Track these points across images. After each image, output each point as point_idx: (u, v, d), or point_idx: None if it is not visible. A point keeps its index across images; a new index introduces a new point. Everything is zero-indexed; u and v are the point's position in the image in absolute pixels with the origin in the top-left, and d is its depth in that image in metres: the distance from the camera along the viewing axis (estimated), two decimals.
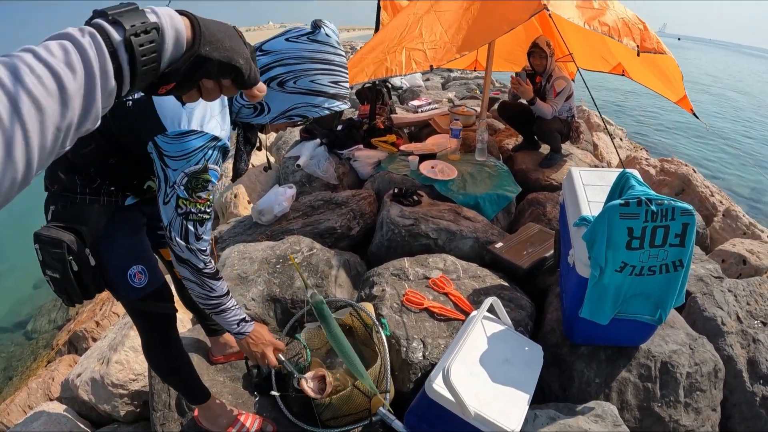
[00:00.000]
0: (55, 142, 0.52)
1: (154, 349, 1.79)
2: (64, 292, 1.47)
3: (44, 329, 5.48)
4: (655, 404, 1.94)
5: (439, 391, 1.56)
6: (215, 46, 0.67)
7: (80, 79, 0.52)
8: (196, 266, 1.44)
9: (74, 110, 0.52)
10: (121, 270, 1.57)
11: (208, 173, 1.34)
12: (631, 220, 1.61)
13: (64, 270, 1.42)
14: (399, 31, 3.73)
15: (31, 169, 0.49)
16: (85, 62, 0.53)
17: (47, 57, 0.50)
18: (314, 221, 3.27)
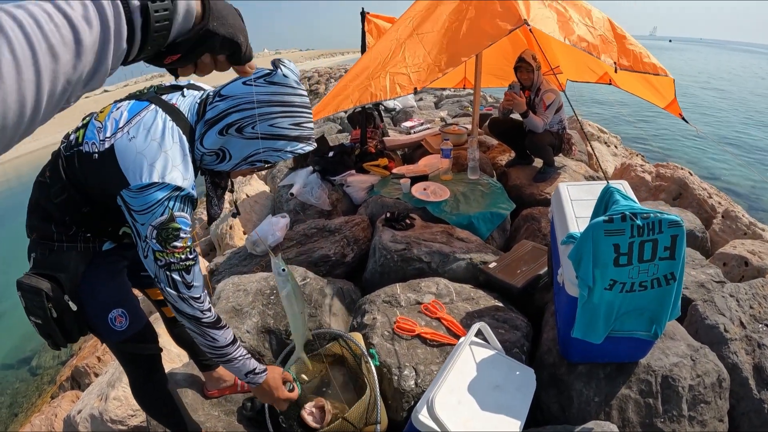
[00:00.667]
0: (63, 94, 0.52)
1: (140, 389, 1.80)
2: (48, 337, 1.49)
3: (48, 365, 5.51)
4: (657, 420, 1.88)
5: (425, 422, 1.53)
6: (221, 22, 0.72)
7: (95, 35, 0.53)
8: (193, 316, 1.41)
9: (85, 65, 0.53)
10: (101, 314, 1.57)
11: (176, 221, 1.32)
12: (616, 236, 1.58)
13: (45, 316, 1.43)
14: (382, 57, 3.76)
15: (38, 113, 0.49)
16: (102, 20, 0.54)
17: (66, 8, 0.51)
18: (308, 250, 3.26)
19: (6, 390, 5.29)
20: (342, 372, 2.07)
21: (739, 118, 14.53)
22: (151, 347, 1.73)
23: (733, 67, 37.03)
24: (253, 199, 5.08)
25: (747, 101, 18.02)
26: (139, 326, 1.66)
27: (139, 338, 1.67)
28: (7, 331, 6.38)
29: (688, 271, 2.76)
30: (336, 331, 2.15)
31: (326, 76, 26.81)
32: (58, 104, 0.53)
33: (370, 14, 5.14)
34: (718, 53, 65.34)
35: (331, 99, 3.96)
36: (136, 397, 1.83)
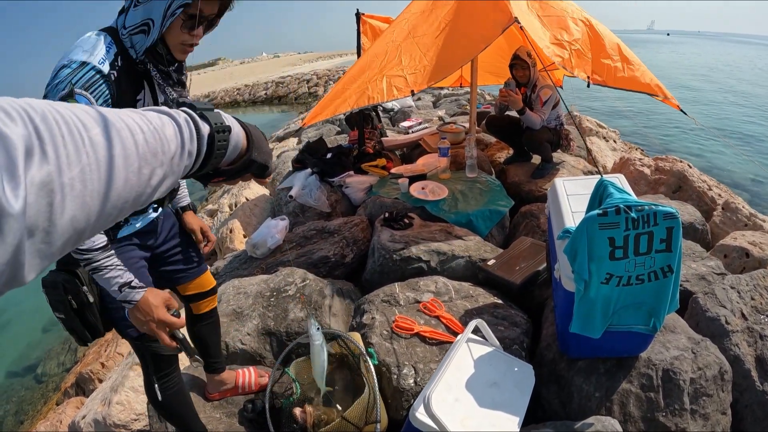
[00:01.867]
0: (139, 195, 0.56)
1: (153, 388, 1.79)
2: (72, 332, 1.56)
3: (53, 372, 5.53)
4: (659, 414, 1.87)
5: (422, 419, 1.52)
6: (259, 151, 0.83)
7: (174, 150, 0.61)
8: None
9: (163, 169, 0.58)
10: (118, 307, 1.57)
11: (75, 98, 1.29)
12: (611, 229, 1.58)
13: (66, 310, 1.51)
14: (379, 60, 3.76)
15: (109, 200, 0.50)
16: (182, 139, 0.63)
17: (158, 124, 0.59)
18: (308, 251, 3.26)
19: (12, 398, 5.32)
20: (341, 372, 2.06)
21: (741, 110, 14.47)
22: (166, 349, 1.69)
23: (733, 60, 36.93)
24: (252, 203, 5.08)
25: (747, 93, 17.96)
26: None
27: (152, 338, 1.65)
28: (13, 340, 6.43)
29: (688, 264, 2.74)
30: (335, 331, 2.15)
31: (325, 78, 26.85)
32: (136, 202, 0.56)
33: (365, 15, 5.14)
34: (717, 46, 65.19)
35: (329, 102, 3.96)
36: (148, 394, 1.84)
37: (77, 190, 0.44)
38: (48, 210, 0.41)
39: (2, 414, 5.04)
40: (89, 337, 1.56)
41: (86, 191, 0.45)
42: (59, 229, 0.43)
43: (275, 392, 2.07)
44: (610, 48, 3.67)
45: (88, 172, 0.45)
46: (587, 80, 3.43)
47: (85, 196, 0.45)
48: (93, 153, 0.46)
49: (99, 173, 0.47)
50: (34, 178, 0.39)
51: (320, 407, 1.89)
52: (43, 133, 0.42)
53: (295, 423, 1.82)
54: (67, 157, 0.43)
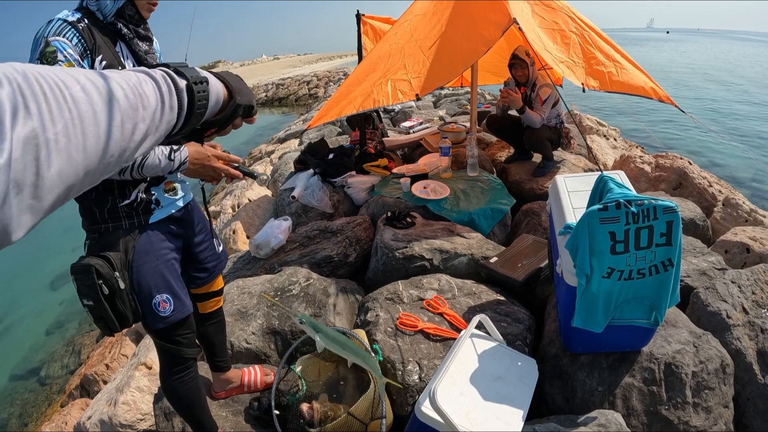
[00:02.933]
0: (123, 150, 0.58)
1: (169, 380, 1.82)
2: (101, 320, 1.53)
3: (57, 374, 5.53)
4: (662, 408, 1.89)
5: (427, 413, 1.54)
6: (241, 94, 0.87)
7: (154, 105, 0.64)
8: None
9: (143, 128, 0.61)
10: (147, 297, 1.61)
11: (51, 45, 1.38)
12: (611, 224, 1.60)
13: (96, 296, 1.48)
14: (383, 63, 3.78)
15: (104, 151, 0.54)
16: (160, 94, 0.66)
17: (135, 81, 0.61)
18: (311, 251, 3.27)
19: (15, 400, 5.32)
20: (346, 369, 2.08)
21: (743, 108, 14.45)
22: (187, 352, 1.77)
23: (734, 57, 36.88)
24: (255, 204, 5.10)
25: (749, 91, 17.94)
26: (182, 315, 1.70)
27: (180, 328, 1.71)
28: (16, 343, 6.44)
29: (689, 260, 2.76)
30: (339, 328, 2.17)
31: (325, 79, 26.86)
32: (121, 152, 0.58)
33: (365, 16, 5.16)
34: (716, 43, 65.07)
35: (334, 104, 3.99)
36: (163, 386, 1.85)
37: (62, 144, 0.46)
38: (35, 164, 0.43)
39: (6, 417, 5.05)
40: (118, 326, 1.55)
41: (71, 145, 0.47)
42: (48, 183, 0.45)
43: (281, 390, 2.09)
44: (602, 55, 3.70)
45: (72, 127, 0.48)
46: (582, 86, 3.46)
47: (71, 150, 0.47)
48: (75, 109, 0.48)
49: (83, 128, 0.49)
50: (19, 134, 0.42)
51: (327, 403, 1.91)
52: (26, 91, 0.44)
53: (302, 419, 1.83)
54: (50, 114, 0.45)
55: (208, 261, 1.94)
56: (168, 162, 1.55)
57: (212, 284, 2.01)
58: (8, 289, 7.86)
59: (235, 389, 2.25)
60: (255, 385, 2.27)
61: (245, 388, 2.26)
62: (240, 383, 2.25)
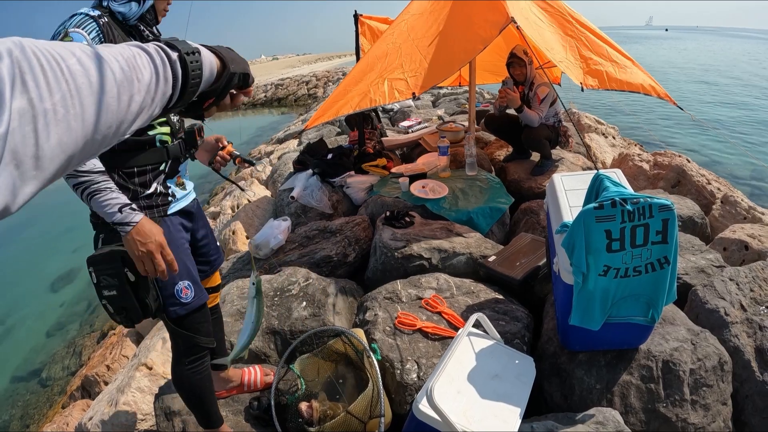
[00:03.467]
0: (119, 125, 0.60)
1: (181, 371, 1.83)
2: (122, 311, 1.52)
3: (58, 376, 5.54)
4: (660, 405, 1.90)
5: (425, 411, 1.55)
6: (235, 64, 0.88)
7: (149, 77, 0.65)
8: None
9: (141, 96, 0.62)
10: (170, 283, 1.65)
11: (69, 35, 1.42)
12: (607, 222, 1.60)
13: (121, 284, 1.49)
14: (380, 62, 3.79)
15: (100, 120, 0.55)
16: (155, 66, 0.67)
17: (129, 54, 0.63)
18: (310, 251, 3.28)
19: (17, 402, 5.33)
20: (346, 368, 2.09)
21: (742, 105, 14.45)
22: (204, 340, 1.79)
23: (733, 54, 36.83)
24: (254, 204, 5.11)
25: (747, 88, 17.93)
26: (202, 301, 1.74)
27: (199, 314, 1.75)
28: (17, 345, 6.45)
29: (688, 257, 2.76)
30: (337, 327, 2.18)
31: (324, 79, 26.87)
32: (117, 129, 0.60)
33: (363, 16, 5.16)
34: (715, 41, 64.92)
35: (331, 104, 4.00)
36: (176, 376, 1.87)
37: (60, 115, 0.48)
38: (33, 135, 0.45)
39: (8, 419, 5.06)
40: (141, 315, 1.55)
41: (69, 115, 0.49)
42: (48, 153, 0.47)
43: (280, 389, 2.10)
44: (599, 56, 3.71)
45: (69, 98, 0.49)
46: (581, 85, 3.47)
47: (70, 120, 0.49)
48: (72, 80, 0.50)
49: (80, 98, 0.50)
50: (17, 105, 0.43)
51: (326, 402, 1.92)
52: (23, 63, 0.45)
53: (301, 418, 1.84)
54: (47, 85, 0.47)
55: (211, 254, 2.00)
56: (116, 212, 1.44)
57: (212, 278, 2.06)
58: (9, 290, 7.87)
59: (235, 388, 2.26)
60: (255, 384, 2.28)
61: (245, 387, 2.27)
62: (240, 382, 2.26)
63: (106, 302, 1.51)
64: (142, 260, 1.48)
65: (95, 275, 1.49)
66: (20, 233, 10.14)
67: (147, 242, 1.46)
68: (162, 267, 1.50)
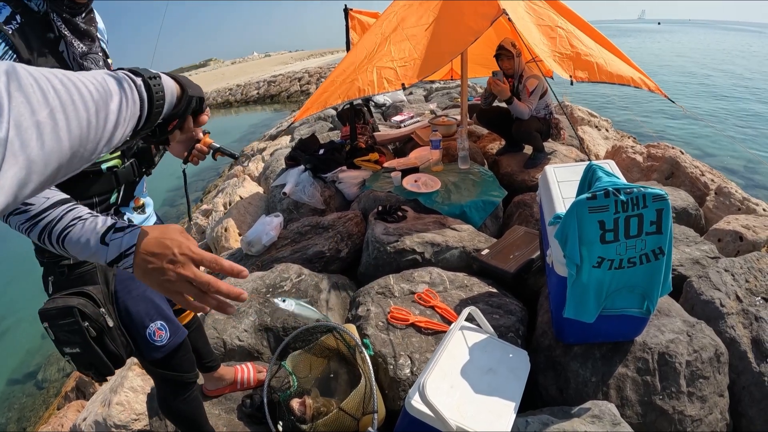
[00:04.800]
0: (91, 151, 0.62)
1: (169, 406, 1.73)
2: (90, 367, 1.35)
3: (54, 378, 5.53)
4: (656, 397, 1.88)
5: (418, 407, 1.52)
6: (192, 89, 0.98)
7: (117, 103, 0.68)
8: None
9: (114, 115, 0.66)
10: (139, 328, 1.46)
11: None
12: (600, 213, 1.58)
13: (84, 340, 1.29)
14: (368, 51, 3.75)
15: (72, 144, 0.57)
16: (123, 89, 0.71)
17: (100, 79, 0.66)
18: (302, 247, 3.25)
19: (13, 405, 5.32)
20: (338, 364, 2.06)
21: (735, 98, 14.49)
22: (189, 377, 1.66)
23: (726, 47, 36.91)
24: (246, 201, 5.07)
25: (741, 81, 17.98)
26: (179, 340, 1.57)
27: (179, 354, 1.58)
28: (12, 348, 6.42)
29: (682, 249, 2.75)
30: (329, 323, 2.15)
31: (316, 75, 26.79)
32: (96, 145, 0.63)
33: (353, 11, 5.14)
34: (708, 33, 65.11)
35: (319, 95, 3.96)
36: (166, 411, 1.76)
37: (50, 127, 0.52)
38: (30, 142, 0.49)
39: (4, 421, 5.04)
40: (112, 369, 1.36)
41: (58, 128, 0.53)
42: (44, 159, 0.51)
43: (273, 386, 2.07)
44: (589, 47, 3.69)
45: (57, 113, 0.53)
46: (570, 78, 3.44)
47: (59, 132, 0.53)
48: (57, 98, 0.54)
49: (65, 114, 0.54)
50: (14, 114, 0.47)
51: (319, 399, 1.89)
52: (16, 81, 0.49)
53: (293, 415, 1.81)
54: (38, 101, 0.51)
55: None
56: (99, 245, 0.92)
57: None
58: (4, 293, 7.83)
59: (228, 386, 2.23)
60: (248, 382, 2.25)
61: (238, 385, 2.23)
62: (233, 380, 2.23)
63: (69, 359, 1.33)
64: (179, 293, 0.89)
65: (51, 332, 1.30)
66: (14, 235, 10.06)
67: (164, 261, 0.87)
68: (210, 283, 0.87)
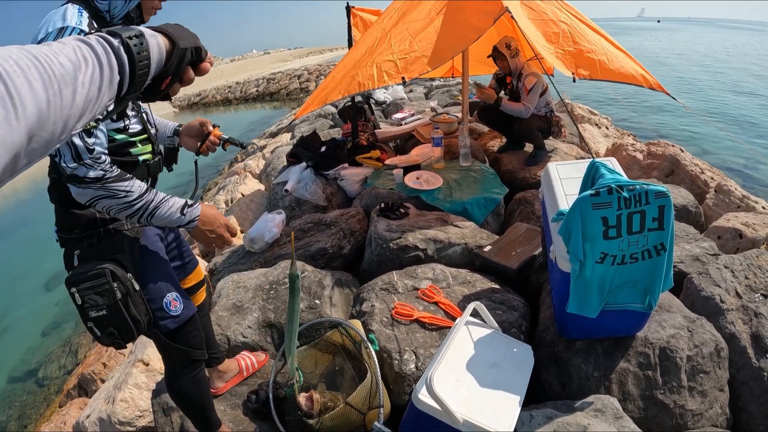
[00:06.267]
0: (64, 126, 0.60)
1: (175, 382, 1.80)
2: (111, 333, 1.45)
3: (55, 375, 5.53)
4: (657, 392, 1.90)
5: (425, 401, 1.54)
6: (185, 40, 0.87)
7: (92, 69, 0.64)
8: (100, 178, 1.34)
9: (85, 88, 0.62)
10: (158, 297, 1.61)
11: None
12: (604, 209, 1.60)
13: (112, 301, 1.41)
14: (369, 45, 3.76)
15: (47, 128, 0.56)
16: (97, 56, 0.66)
17: (69, 49, 0.62)
18: (305, 244, 3.27)
19: (14, 403, 5.32)
20: (343, 360, 2.08)
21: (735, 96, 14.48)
22: (198, 354, 1.77)
23: (726, 46, 36.85)
24: (248, 198, 5.09)
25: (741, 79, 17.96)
26: (191, 312, 1.71)
27: (190, 326, 1.71)
28: (13, 345, 6.43)
29: (682, 246, 2.77)
30: (335, 319, 2.17)
31: (316, 73, 26.76)
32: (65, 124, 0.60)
33: (355, 8, 5.14)
34: (709, 32, 64.95)
35: (319, 92, 3.97)
36: (174, 389, 1.82)
37: (1, 116, 0.48)
38: None
39: (5, 419, 5.04)
40: (134, 334, 1.48)
41: (10, 116, 0.49)
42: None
43: (278, 382, 2.09)
44: (591, 44, 3.70)
45: (8, 99, 0.49)
46: (573, 76, 3.46)
47: (11, 120, 0.49)
48: (10, 82, 0.50)
49: (20, 98, 0.50)
50: None
51: (326, 394, 1.91)
52: None
53: (300, 411, 1.83)
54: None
55: (185, 255, 1.95)
56: (179, 216, 1.48)
57: (191, 277, 2.00)
58: (3, 291, 7.83)
59: (235, 377, 2.26)
60: (253, 366, 2.29)
61: (245, 372, 2.28)
62: (238, 369, 2.26)
63: (92, 324, 1.44)
64: (212, 243, 1.60)
65: (79, 296, 1.41)
66: (13, 232, 10.07)
67: (215, 227, 1.56)
68: (231, 241, 1.64)
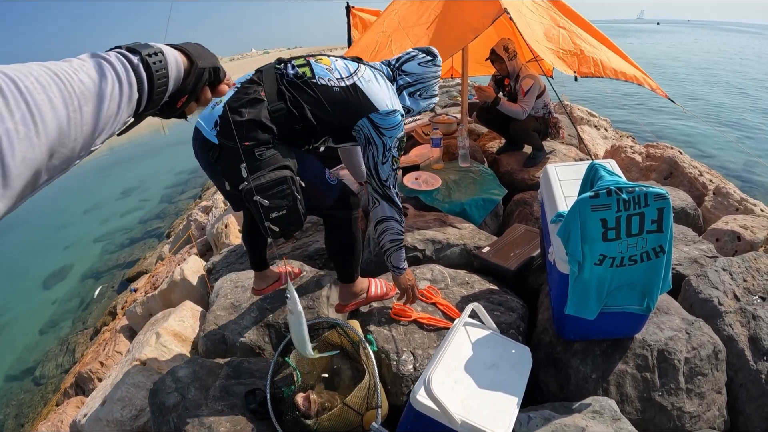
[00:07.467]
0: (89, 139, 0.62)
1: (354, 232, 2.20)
2: (287, 227, 1.77)
3: (52, 374, 5.54)
4: (655, 394, 1.90)
5: (423, 402, 1.54)
6: (204, 59, 0.89)
7: (111, 86, 0.65)
8: (397, 203, 2.01)
9: (105, 105, 0.64)
10: (320, 174, 2.00)
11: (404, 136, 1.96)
12: (603, 211, 1.60)
13: (292, 201, 1.72)
14: (369, 50, 3.76)
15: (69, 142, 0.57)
16: (116, 73, 0.67)
17: (89, 66, 0.64)
18: (303, 244, 3.27)
19: (11, 401, 5.32)
20: (341, 360, 2.08)
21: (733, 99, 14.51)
22: (355, 213, 2.17)
23: (725, 49, 36.89)
24: None
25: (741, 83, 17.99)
26: (340, 183, 2.11)
27: (346, 191, 2.14)
28: (10, 344, 6.43)
29: (681, 248, 2.77)
30: (333, 319, 2.17)
31: None
32: (86, 139, 0.61)
33: (355, 8, 5.15)
34: (708, 35, 65.10)
35: None
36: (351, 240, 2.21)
37: (22, 134, 0.49)
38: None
39: (3, 418, 5.05)
40: (302, 225, 1.82)
41: (31, 133, 0.50)
42: (14, 170, 0.48)
43: (276, 382, 2.09)
44: (592, 44, 3.71)
45: (29, 117, 0.50)
46: (575, 74, 3.46)
47: (32, 137, 0.50)
48: (31, 99, 0.51)
49: (41, 115, 0.52)
50: None
51: (323, 394, 1.90)
52: None
53: (298, 411, 1.83)
54: (7, 107, 0.49)
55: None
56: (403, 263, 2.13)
57: None
58: (1, 289, 7.82)
59: (276, 282, 2.52)
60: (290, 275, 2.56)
61: (283, 280, 2.52)
62: (278, 276, 2.52)
63: (270, 224, 1.70)
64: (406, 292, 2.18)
65: (266, 200, 1.66)
66: (12, 231, 10.07)
67: (410, 281, 2.16)
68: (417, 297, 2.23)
